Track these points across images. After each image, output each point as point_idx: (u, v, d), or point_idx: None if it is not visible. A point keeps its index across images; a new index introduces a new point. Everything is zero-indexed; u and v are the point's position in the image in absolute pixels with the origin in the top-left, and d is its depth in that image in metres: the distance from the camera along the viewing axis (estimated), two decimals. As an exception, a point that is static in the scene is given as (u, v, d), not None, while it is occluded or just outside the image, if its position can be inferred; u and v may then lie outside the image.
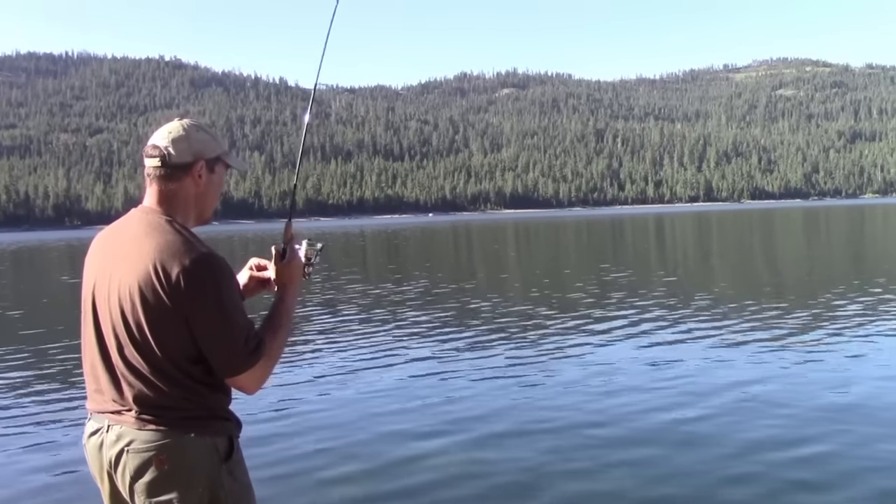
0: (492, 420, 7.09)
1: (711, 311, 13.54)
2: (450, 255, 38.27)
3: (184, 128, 2.59)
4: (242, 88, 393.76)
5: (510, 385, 8.46)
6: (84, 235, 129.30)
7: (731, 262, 25.97)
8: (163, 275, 2.37)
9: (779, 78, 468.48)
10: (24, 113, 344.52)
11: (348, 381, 8.90)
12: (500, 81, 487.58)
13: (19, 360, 11.20)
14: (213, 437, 2.47)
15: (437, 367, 9.51)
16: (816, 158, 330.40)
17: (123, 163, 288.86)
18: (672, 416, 7.02)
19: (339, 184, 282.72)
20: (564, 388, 8.17)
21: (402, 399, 7.95)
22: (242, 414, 7.14)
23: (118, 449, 2.45)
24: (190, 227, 2.58)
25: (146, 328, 2.40)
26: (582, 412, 7.24)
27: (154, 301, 2.38)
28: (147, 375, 2.42)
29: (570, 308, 14.60)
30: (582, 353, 10.11)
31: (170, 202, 2.55)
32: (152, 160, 2.57)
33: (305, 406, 7.77)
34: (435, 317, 14.11)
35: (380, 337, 11.95)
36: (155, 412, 2.43)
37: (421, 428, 6.91)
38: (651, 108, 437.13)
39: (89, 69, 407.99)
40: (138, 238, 2.47)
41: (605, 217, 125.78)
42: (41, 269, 39.15)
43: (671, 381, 8.33)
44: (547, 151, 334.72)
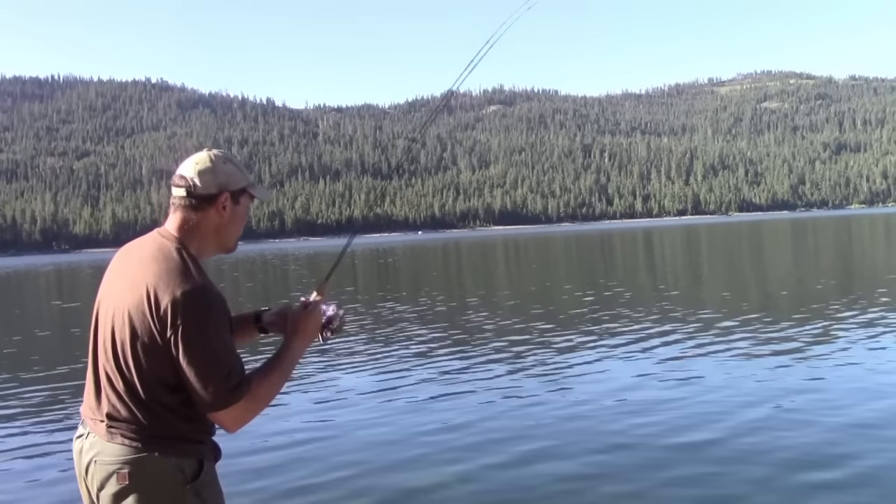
0: (515, 442, 6.92)
1: (716, 324, 13.43)
2: (447, 273, 38.17)
3: (211, 159, 2.62)
4: (230, 109, 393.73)
5: (527, 406, 8.31)
6: (72, 259, 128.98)
7: (725, 275, 25.95)
8: (154, 301, 2.41)
9: (763, 91, 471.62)
10: (11, 137, 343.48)
11: (358, 403, 8.75)
12: (486, 98, 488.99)
13: (27, 386, 11.01)
14: (179, 457, 2.48)
15: (443, 389, 9.36)
16: (803, 170, 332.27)
17: (111, 186, 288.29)
18: (698, 435, 6.86)
19: (328, 203, 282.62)
20: (581, 408, 8.01)
21: (415, 423, 7.78)
22: (251, 440, 7.12)
23: (89, 458, 2.51)
24: (208, 256, 2.67)
25: (129, 349, 2.44)
26: (602, 433, 7.09)
27: (141, 325, 2.42)
28: (121, 392, 2.47)
29: (573, 325, 14.49)
30: (592, 371, 9.97)
31: (189, 231, 2.59)
32: (178, 190, 2.61)
33: (311, 433, 7.58)
34: (436, 336, 13.97)
35: (384, 359, 11.80)
36: (122, 428, 2.47)
37: (437, 454, 6.75)
38: (637, 123, 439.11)
39: (75, 92, 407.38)
40: (144, 260, 2.52)
41: (595, 232, 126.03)
42: (32, 294, 38.84)
43: (688, 398, 8.20)
44: (535, 167, 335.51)
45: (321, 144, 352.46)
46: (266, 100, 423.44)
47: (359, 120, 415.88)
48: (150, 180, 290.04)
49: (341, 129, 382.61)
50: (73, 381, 10.92)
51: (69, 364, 12.64)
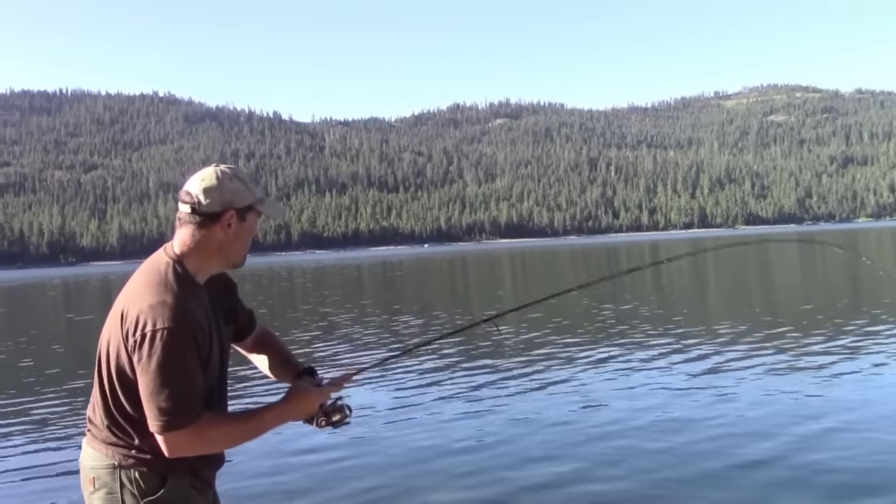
0: (549, 462, 6.68)
1: (738, 338, 13.17)
2: (459, 286, 38.02)
3: (217, 176, 2.60)
4: (236, 123, 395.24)
5: (559, 423, 8.04)
6: (79, 272, 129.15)
7: (737, 288, 25.71)
8: (125, 313, 2.45)
9: (770, 104, 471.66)
10: (19, 150, 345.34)
11: (380, 420, 8.54)
12: (492, 112, 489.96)
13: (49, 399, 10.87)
14: (138, 469, 2.49)
15: (467, 406, 9.13)
16: (809, 183, 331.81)
17: (118, 199, 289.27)
18: (742, 454, 6.60)
19: (335, 216, 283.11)
20: (616, 427, 7.75)
21: (441, 441, 7.55)
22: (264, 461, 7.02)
23: (80, 460, 2.64)
24: (213, 272, 2.68)
25: (105, 360, 2.50)
26: (644, 452, 6.85)
27: (114, 336, 2.47)
28: (99, 401, 2.53)
29: (594, 339, 14.29)
30: (621, 387, 9.73)
31: (191, 247, 2.59)
32: (184, 206, 2.60)
33: (332, 452, 7.36)
34: (456, 351, 13.76)
35: (403, 374, 11.60)
36: (96, 435, 2.56)
37: (464, 475, 6.51)
38: (643, 136, 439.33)
39: (83, 106, 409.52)
40: (138, 275, 2.58)
41: (601, 245, 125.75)
42: (48, 307, 38.77)
43: (725, 415, 7.94)
44: (541, 180, 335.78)
45: (327, 157, 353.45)
46: (273, 113, 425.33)
47: (365, 133, 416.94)
48: (157, 193, 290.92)
49: (347, 143, 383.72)
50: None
51: (84, 378, 12.49)
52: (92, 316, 27.50)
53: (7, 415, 10.04)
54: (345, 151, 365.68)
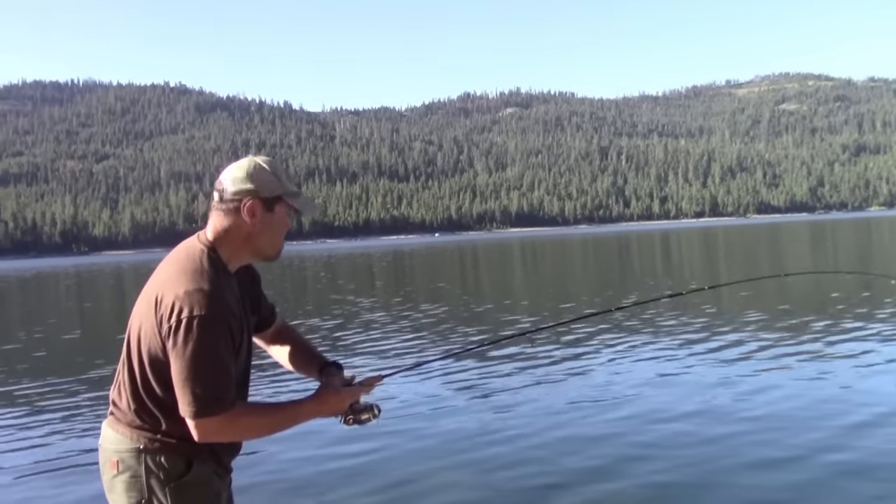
0: (589, 456, 6.55)
1: (767, 328, 13.14)
2: (473, 275, 38.07)
3: (247, 165, 2.62)
4: (247, 113, 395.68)
5: (595, 415, 7.91)
6: (92, 262, 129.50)
7: (759, 276, 25.64)
8: (160, 298, 2.47)
9: (781, 92, 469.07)
10: (31, 140, 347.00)
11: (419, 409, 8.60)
12: (503, 101, 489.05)
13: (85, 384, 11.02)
14: (164, 454, 2.53)
15: (497, 399, 9.17)
16: (821, 172, 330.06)
17: (130, 188, 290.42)
18: (794, 447, 6.43)
19: (345, 205, 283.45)
20: (652, 416, 7.68)
21: (478, 431, 7.56)
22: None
23: (99, 443, 2.66)
24: (243, 262, 2.70)
25: (137, 344, 2.52)
26: (685, 445, 6.71)
27: (147, 320, 2.49)
28: (127, 384, 2.55)
29: (619, 327, 14.28)
30: (655, 376, 9.69)
31: (220, 236, 2.61)
32: (215, 194, 2.64)
33: (356, 444, 7.45)
34: (479, 340, 13.82)
35: (430, 364, 11.64)
36: (120, 418, 2.58)
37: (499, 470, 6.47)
38: (654, 125, 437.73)
39: (95, 96, 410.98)
40: (169, 261, 2.61)
41: (612, 234, 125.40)
42: (60, 296, 39.04)
43: (767, 405, 7.81)
44: (552, 170, 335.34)
45: (338, 147, 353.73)
46: (283, 103, 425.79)
47: (375, 123, 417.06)
48: (169, 183, 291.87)
49: (358, 132, 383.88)
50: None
51: (101, 366, 12.62)
52: (109, 305, 27.73)
53: (27, 401, 10.19)
54: (355, 141, 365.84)
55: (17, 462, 7.28)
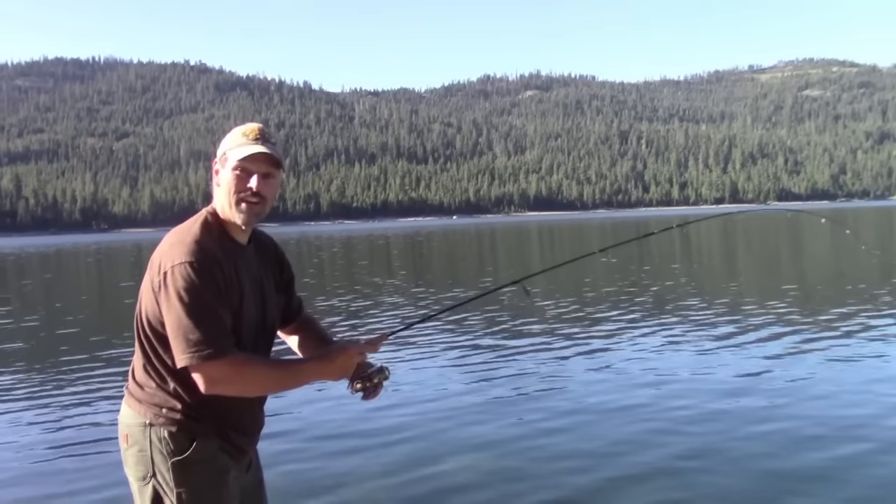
0: (625, 456, 6.18)
1: (794, 318, 13.06)
2: (489, 257, 38.05)
3: (230, 131, 2.66)
4: (267, 92, 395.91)
5: (626, 409, 7.50)
6: (112, 239, 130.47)
7: (782, 265, 25.48)
8: (153, 260, 2.51)
9: (805, 78, 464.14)
10: (52, 118, 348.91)
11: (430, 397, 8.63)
12: (523, 83, 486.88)
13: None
14: (167, 428, 2.52)
15: (528, 386, 9.21)
16: (844, 159, 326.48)
17: (149, 166, 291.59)
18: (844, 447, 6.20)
19: (364, 187, 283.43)
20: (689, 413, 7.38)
21: (507, 426, 7.56)
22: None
23: (118, 418, 2.69)
24: (238, 226, 2.64)
25: (141, 313, 2.55)
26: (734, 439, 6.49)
27: (146, 285, 2.53)
28: (139, 357, 2.60)
29: (650, 314, 14.24)
30: (684, 366, 9.60)
31: (214, 201, 2.69)
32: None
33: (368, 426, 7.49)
34: (510, 326, 13.82)
35: (452, 350, 11.67)
36: (132, 391, 2.62)
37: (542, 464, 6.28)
38: (675, 110, 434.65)
39: (116, 74, 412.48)
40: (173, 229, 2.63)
41: (631, 219, 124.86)
42: (85, 272, 39.36)
43: (803, 400, 7.57)
44: (571, 153, 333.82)
45: (357, 128, 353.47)
46: (303, 83, 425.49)
47: (395, 104, 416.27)
48: (188, 162, 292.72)
49: (377, 113, 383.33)
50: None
51: (123, 344, 12.72)
52: (132, 283, 27.94)
53: (56, 377, 10.28)
54: (374, 122, 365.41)
55: (39, 438, 7.34)
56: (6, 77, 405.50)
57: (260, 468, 2.87)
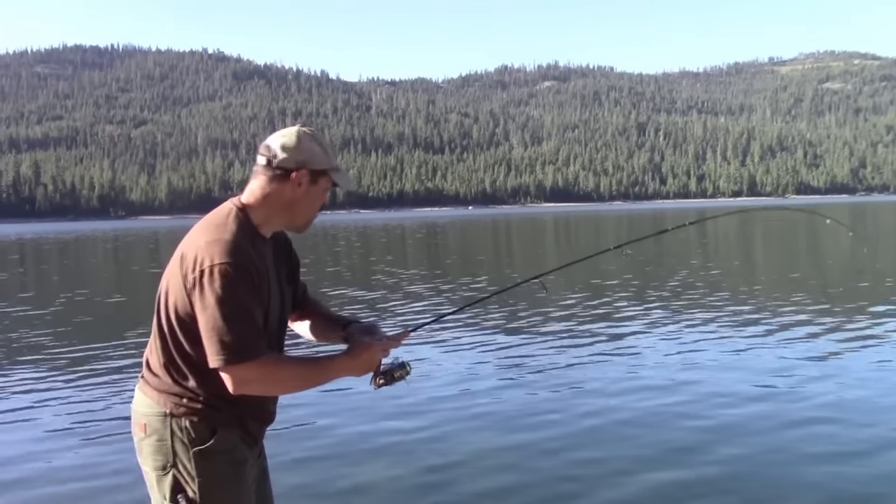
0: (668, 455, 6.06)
1: (827, 311, 12.99)
2: (507, 251, 38.01)
3: (298, 135, 2.64)
4: (284, 81, 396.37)
5: (666, 407, 7.34)
6: (129, 226, 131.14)
7: (801, 260, 25.34)
8: (184, 256, 2.50)
9: (826, 71, 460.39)
10: (71, 105, 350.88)
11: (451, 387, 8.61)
12: (541, 74, 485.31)
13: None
14: (188, 418, 2.54)
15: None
16: (864, 153, 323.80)
17: (167, 154, 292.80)
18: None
19: (380, 176, 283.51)
20: (713, 399, 7.44)
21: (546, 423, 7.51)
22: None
23: (132, 405, 2.70)
24: (273, 229, 2.70)
25: (165, 303, 2.55)
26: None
27: (174, 280, 2.52)
28: (158, 346, 2.58)
29: (680, 307, 14.17)
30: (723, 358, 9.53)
31: (259, 199, 2.63)
32: (261, 158, 2.65)
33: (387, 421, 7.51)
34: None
35: (473, 343, 11.63)
36: (148, 381, 2.61)
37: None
38: (694, 102, 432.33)
39: (134, 61, 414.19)
40: (199, 223, 2.62)
41: (647, 211, 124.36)
42: (105, 259, 39.58)
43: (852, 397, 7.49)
44: (588, 145, 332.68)
45: (374, 117, 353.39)
46: (320, 72, 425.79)
47: (412, 93, 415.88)
48: (206, 150, 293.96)
49: (394, 103, 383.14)
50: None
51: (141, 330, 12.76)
52: (154, 270, 28.08)
53: (71, 362, 10.32)
54: (391, 111, 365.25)
55: (59, 425, 7.35)
56: (26, 64, 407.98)
57: (265, 457, 2.90)
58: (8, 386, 9.04)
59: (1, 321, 14.81)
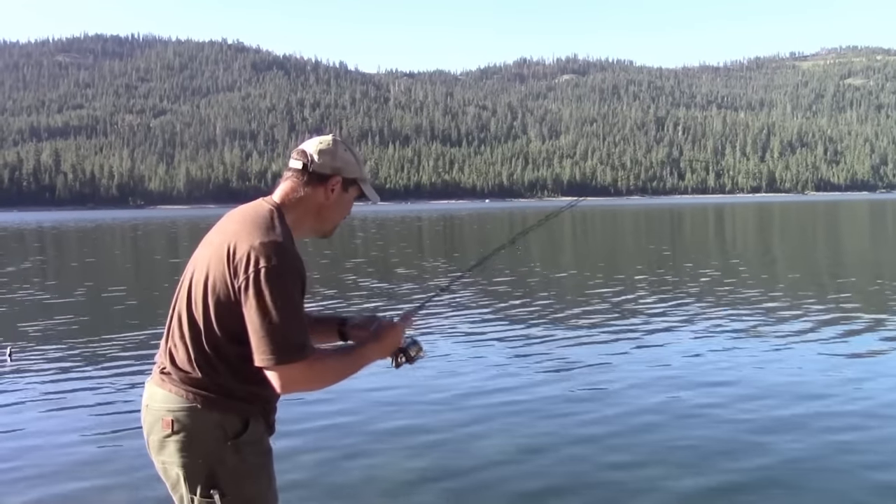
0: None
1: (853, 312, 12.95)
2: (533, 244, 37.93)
3: (333, 143, 2.71)
4: (303, 72, 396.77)
5: (701, 406, 7.18)
6: (148, 215, 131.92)
7: (829, 256, 25.19)
8: (232, 250, 2.49)
9: (848, 67, 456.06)
10: (91, 94, 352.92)
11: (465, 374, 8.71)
12: (559, 67, 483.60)
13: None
14: (221, 413, 2.54)
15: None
16: (885, 150, 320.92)
17: (186, 144, 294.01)
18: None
19: (397, 168, 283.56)
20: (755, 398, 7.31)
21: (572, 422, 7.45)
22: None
23: (144, 402, 2.65)
24: (302, 234, 2.74)
25: (203, 297, 2.53)
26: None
27: (218, 273, 2.51)
28: (184, 341, 2.56)
29: (716, 304, 14.14)
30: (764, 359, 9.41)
31: (292, 202, 2.67)
32: (295, 162, 2.69)
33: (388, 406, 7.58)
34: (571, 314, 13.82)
35: (498, 336, 11.69)
36: (173, 376, 2.57)
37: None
38: (714, 96, 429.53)
39: (154, 51, 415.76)
40: (236, 219, 2.64)
41: (665, 206, 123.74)
42: (137, 248, 39.86)
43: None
44: (606, 139, 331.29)
45: (392, 109, 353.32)
46: (339, 63, 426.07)
47: (430, 86, 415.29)
48: (224, 140, 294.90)
49: (412, 95, 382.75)
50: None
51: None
52: (180, 260, 28.27)
53: (92, 355, 10.44)
54: (409, 103, 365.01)
55: (69, 419, 7.35)
56: (47, 53, 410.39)
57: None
58: (30, 375, 9.12)
59: (26, 308, 14.99)
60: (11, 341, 10.73)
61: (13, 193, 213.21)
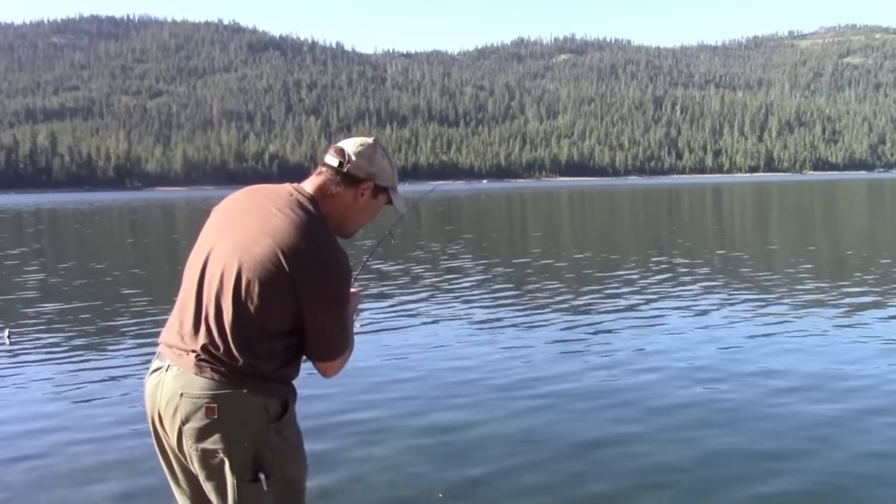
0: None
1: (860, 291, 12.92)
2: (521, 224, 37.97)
3: (373, 147, 2.71)
4: (299, 53, 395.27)
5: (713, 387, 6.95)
6: (146, 197, 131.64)
7: (820, 236, 25.17)
8: (295, 250, 2.49)
9: (846, 45, 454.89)
10: (87, 75, 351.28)
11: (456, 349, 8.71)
12: (557, 47, 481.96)
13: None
14: (266, 397, 2.55)
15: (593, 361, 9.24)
16: (883, 129, 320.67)
17: (182, 125, 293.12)
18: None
19: (394, 149, 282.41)
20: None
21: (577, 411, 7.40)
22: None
23: (173, 390, 2.55)
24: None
25: (252, 290, 2.49)
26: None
27: (275, 271, 2.48)
28: (226, 329, 2.52)
29: (721, 283, 14.10)
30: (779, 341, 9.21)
31: (325, 197, 2.67)
32: (333, 159, 2.69)
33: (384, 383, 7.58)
34: (574, 293, 13.82)
35: (499, 314, 11.68)
36: (215, 363, 2.53)
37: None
38: (712, 76, 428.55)
39: (150, 32, 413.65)
40: (283, 209, 2.58)
41: (663, 186, 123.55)
42: (139, 229, 39.78)
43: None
44: (604, 119, 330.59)
45: (389, 90, 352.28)
46: (335, 44, 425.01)
47: (427, 66, 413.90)
48: (221, 121, 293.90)
49: (409, 75, 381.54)
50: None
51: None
52: (187, 241, 28.21)
53: (91, 341, 10.42)
54: (406, 84, 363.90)
55: (71, 408, 7.34)
56: (42, 34, 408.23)
57: None
58: (31, 360, 9.07)
59: (24, 290, 14.94)
60: (10, 323, 10.69)
61: (10, 176, 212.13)
